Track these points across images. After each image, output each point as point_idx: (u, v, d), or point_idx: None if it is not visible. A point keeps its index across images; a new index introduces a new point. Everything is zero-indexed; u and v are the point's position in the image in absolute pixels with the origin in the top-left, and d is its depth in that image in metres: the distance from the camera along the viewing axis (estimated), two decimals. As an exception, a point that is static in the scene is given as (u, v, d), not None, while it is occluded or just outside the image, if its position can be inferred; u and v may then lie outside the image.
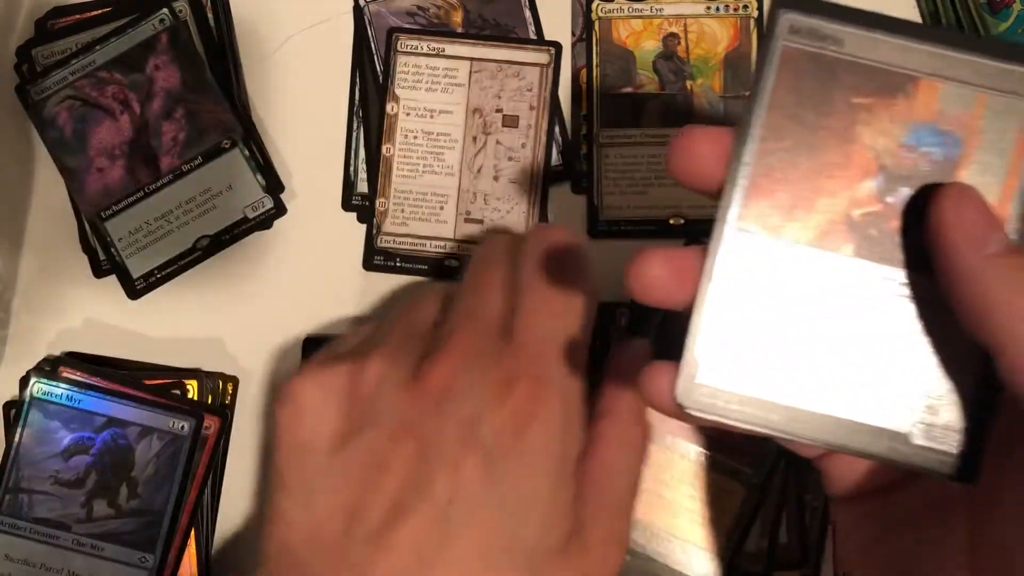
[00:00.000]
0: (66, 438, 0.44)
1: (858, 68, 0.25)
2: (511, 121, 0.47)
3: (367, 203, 0.48)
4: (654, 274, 0.26)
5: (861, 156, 0.25)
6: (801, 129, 0.25)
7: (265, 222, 0.47)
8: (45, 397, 0.45)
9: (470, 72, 0.47)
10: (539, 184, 0.47)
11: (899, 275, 0.25)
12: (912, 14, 0.49)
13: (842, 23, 0.25)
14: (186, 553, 0.45)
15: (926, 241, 0.24)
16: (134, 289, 0.47)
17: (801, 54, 0.25)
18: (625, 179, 0.47)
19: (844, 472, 0.29)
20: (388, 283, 0.47)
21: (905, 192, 0.25)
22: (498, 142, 0.47)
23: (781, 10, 0.26)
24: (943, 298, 0.24)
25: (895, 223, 0.25)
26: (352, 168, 0.48)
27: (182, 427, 0.45)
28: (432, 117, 0.47)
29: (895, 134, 0.25)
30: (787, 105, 0.25)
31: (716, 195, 0.26)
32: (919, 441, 0.25)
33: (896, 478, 0.29)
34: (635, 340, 0.40)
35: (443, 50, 0.47)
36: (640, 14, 0.48)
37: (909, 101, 0.25)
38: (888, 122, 0.25)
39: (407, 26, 0.48)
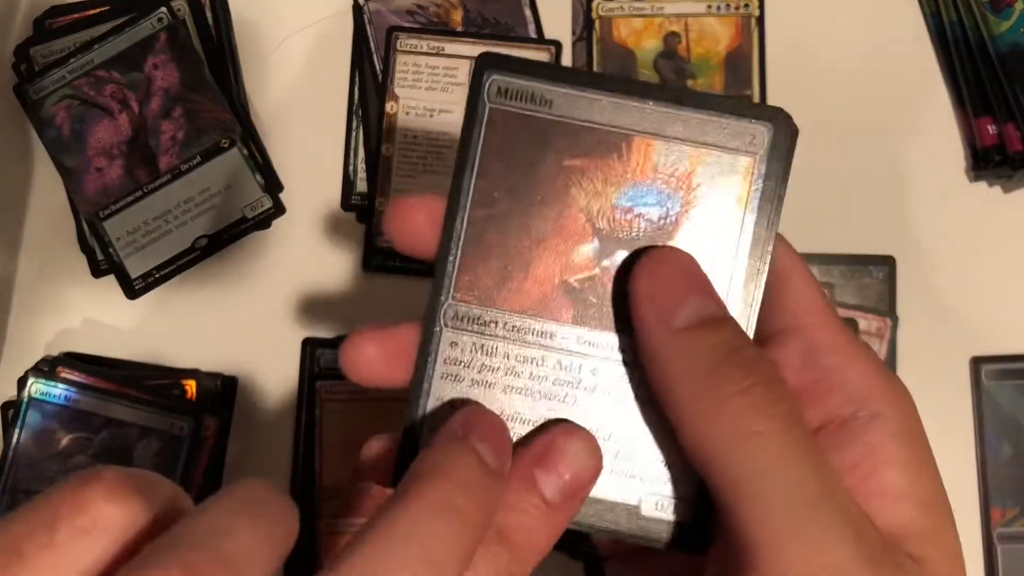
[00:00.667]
0: (65, 439, 0.44)
1: (569, 129, 0.24)
2: (511, 120, 0.47)
3: (366, 203, 0.47)
4: (367, 356, 0.24)
5: (576, 220, 0.24)
6: (513, 195, 0.24)
7: (264, 222, 0.47)
8: (43, 397, 0.44)
9: (470, 71, 0.47)
10: (539, 184, 0.46)
11: (619, 342, 0.24)
12: (914, 14, 0.49)
13: (551, 83, 0.24)
14: (185, 554, 0.44)
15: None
16: (132, 289, 0.47)
17: (509, 116, 0.24)
18: (625, 179, 0.47)
19: None
20: (387, 283, 0.47)
21: (621, 255, 0.24)
22: (498, 141, 0.47)
23: (487, 71, 0.25)
24: None
25: (611, 289, 0.24)
26: (351, 168, 0.48)
27: (181, 428, 0.44)
28: (432, 116, 0.47)
29: (610, 195, 0.24)
30: (497, 170, 0.24)
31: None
32: (649, 512, 0.23)
33: None
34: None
35: (443, 49, 0.47)
36: (641, 13, 0.48)
37: (623, 161, 0.24)
38: (602, 183, 0.24)
39: (407, 25, 0.48)
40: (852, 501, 0.21)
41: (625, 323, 0.24)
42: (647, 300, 0.22)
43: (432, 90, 0.47)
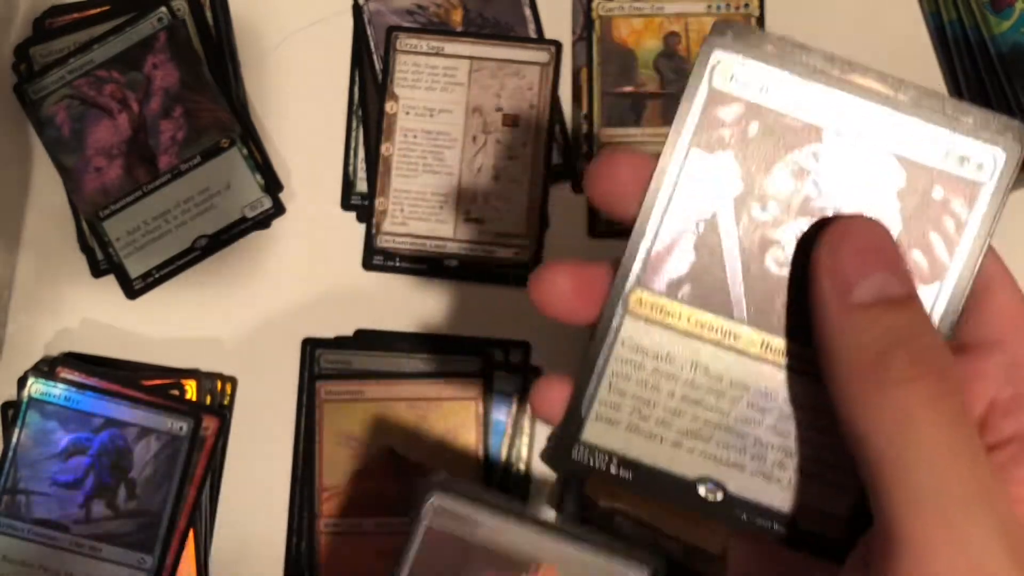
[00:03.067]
0: (64, 439, 0.44)
1: (487, 552, 0.25)
2: (511, 120, 0.47)
3: (366, 202, 0.47)
4: (559, 288, 0.24)
5: None
6: None
7: (264, 222, 0.47)
8: (43, 398, 0.44)
9: (470, 71, 0.47)
10: (539, 184, 0.47)
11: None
12: (913, 14, 0.49)
13: (480, 508, 0.25)
14: (184, 554, 0.45)
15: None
16: (132, 289, 0.47)
17: (442, 536, 0.26)
18: (625, 178, 0.47)
19: (743, 565, 0.27)
20: (387, 283, 0.47)
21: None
22: (498, 141, 0.47)
23: (429, 493, 0.26)
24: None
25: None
26: (351, 167, 0.48)
27: (180, 428, 0.44)
28: (432, 116, 0.47)
29: None
30: None
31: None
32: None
33: (787, 570, 0.27)
34: None
35: (443, 49, 0.47)
36: (641, 13, 0.48)
37: None
38: None
39: (406, 25, 0.48)
40: (1010, 510, 0.20)
41: (801, 325, 0.23)
42: (828, 270, 0.22)
43: (432, 90, 0.47)
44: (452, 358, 0.46)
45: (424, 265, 0.47)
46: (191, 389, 0.46)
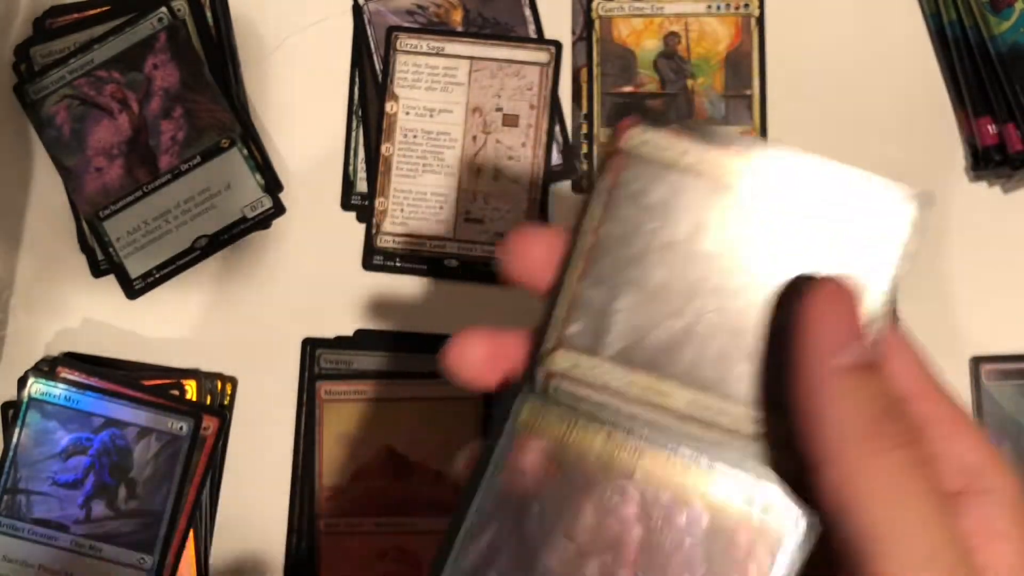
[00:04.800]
0: (64, 439, 0.44)
1: None
2: (511, 120, 0.47)
3: (366, 202, 0.47)
4: (472, 357, 0.24)
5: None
6: None
7: (264, 222, 0.47)
8: (43, 397, 0.44)
9: (470, 71, 0.47)
10: (539, 184, 0.47)
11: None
12: (914, 14, 0.49)
13: None
14: (185, 554, 0.45)
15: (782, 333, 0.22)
16: (132, 289, 0.47)
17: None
18: (625, 179, 0.47)
19: None
20: (387, 283, 0.47)
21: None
22: (498, 141, 0.47)
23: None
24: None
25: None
26: (351, 167, 0.48)
27: (180, 427, 0.44)
28: (432, 116, 0.47)
29: None
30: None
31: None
32: None
33: None
34: None
35: (443, 49, 0.47)
36: (641, 13, 0.48)
37: None
38: None
39: (406, 25, 0.48)
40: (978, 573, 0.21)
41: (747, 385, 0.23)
42: (811, 330, 0.21)
43: (432, 90, 0.47)
44: (452, 358, 0.46)
45: (424, 265, 0.47)
46: (191, 389, 0.46)
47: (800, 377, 0.21)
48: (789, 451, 0.22)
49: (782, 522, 0.22)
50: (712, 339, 0.23)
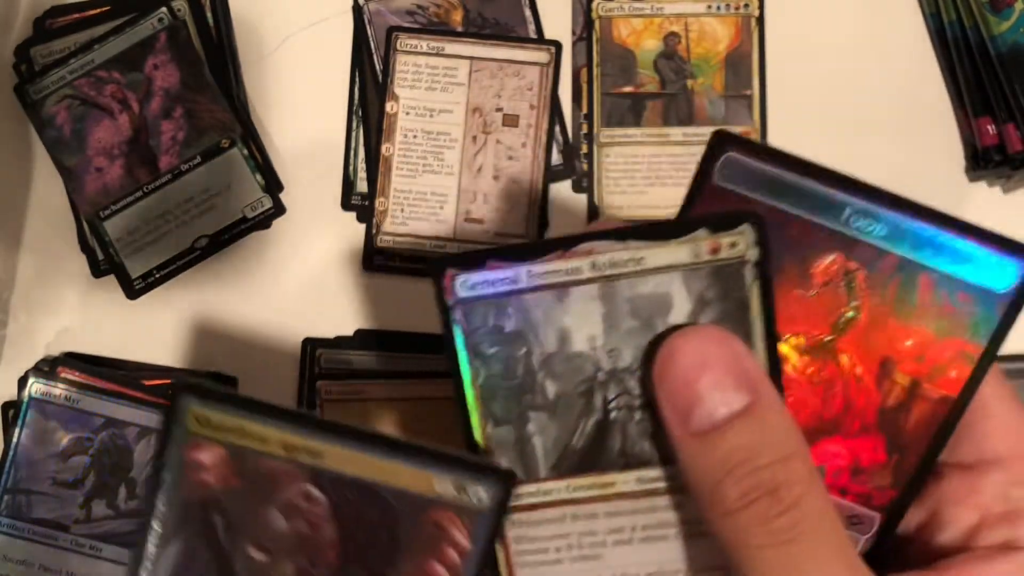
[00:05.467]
0: (65, 438, 0.44)
1: None
2: (511, 120, 0.47)
3: (366, 203, 0.47)
4: None
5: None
6: None
7: (264, 222, 0.47)
8: (44, 397, 0.44)
9: (470, 71, 0.47)
10: (539, 183, 0.47)
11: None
12: (914, 14, 0.49)
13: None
14: (185, 554, 0.45)
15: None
16: (133, 289, 0.47)
17: None
18: (625, 179, 0.47)
19: None
20: (388, 283, 0.47)
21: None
22: (498, 141, 0.47)
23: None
24: None
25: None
26: (351, 167, 0.48)
27: (181, 428, 0.44)
28: (432, 116, 0.47)
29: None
30: None
31: None
32: None
33: None
34: None
35: (443, 49, 0.47)
36: (641, 13, 0.48)
37: None
38: None
39: (406, 25, 0.48)
40: None
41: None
42: (664, 401, 0.22)
43: (432, 90, 0.47)
44: (452, 358, 0.46)
45: (424, 265, 0.47)
46: (191, 389, 0.46)
47: (671, 448, 0.22)
48: None
49: (473, 496, 0.23)
50: (629, 421, 0.24)
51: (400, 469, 0.23)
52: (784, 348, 0.25)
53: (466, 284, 0.24)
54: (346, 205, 0.48)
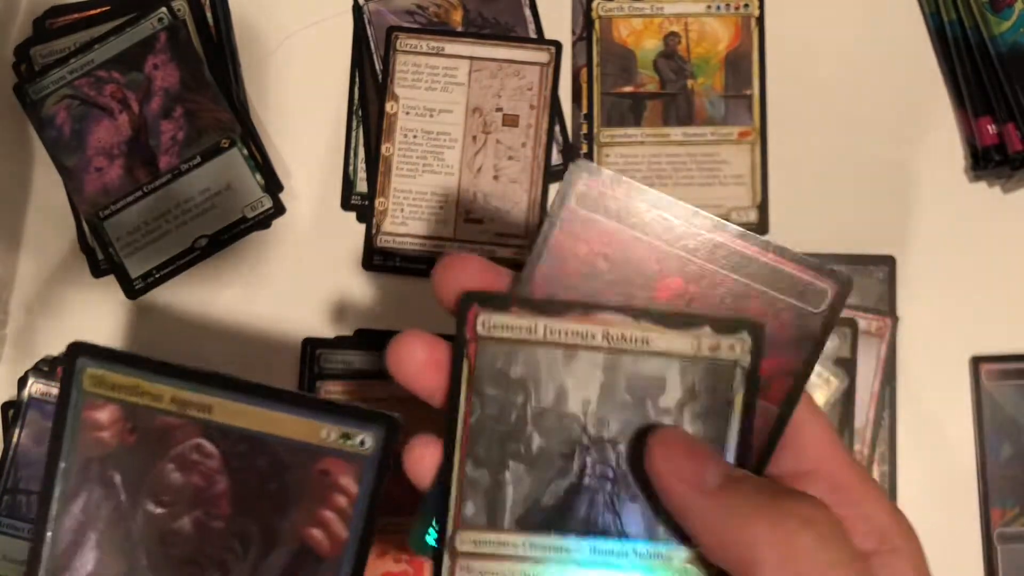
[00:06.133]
0: (64, 439, 0.44)
1: None
2: (511, 120, 0.47)
3: (366, 203, 0.47)
4: (414, 357, 0.25)
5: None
6: None
7: (264, 222, 0.47)
8: (44, 397, 0.44)
9: (470, 71, 0.47)
10: (539, 184, 0.47)
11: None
12: (914, 14, 0.49)
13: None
14: (185, 554, 0.45)
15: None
16: (133, 289, 0.47)
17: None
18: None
19: None
20: (387, 283, 0.47)
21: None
22: (498, 141, 0.47)
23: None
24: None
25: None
26: (351, 167, 0.48)
27: (181, 428, 0.44)
28: (432, 116, 0.47)
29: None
30: None
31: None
32: None
33: None
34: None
35: (443, 49, 0.47)
36: (641, 13, 0.48)
37: None
38: None
39: (406, 25, 0.48)
40: None
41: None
42: (674, 475, 0.24)
43: (432, 90, 0.47)
44: (452, 358, 0.46)
45: (424, 265, 0.47)
46: (191, 389, 0.46)
47: (684, 513, 0.24)
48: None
49: (358, 440, 0.24)
50: (600, 490, 0.25)
51: (286, 419, 0.24)
52: None
53: (487, 323, 0.25)
54: (346, 205, 0.48)
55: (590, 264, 0.25)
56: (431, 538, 0.25)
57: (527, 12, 0.48)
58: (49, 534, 0.24)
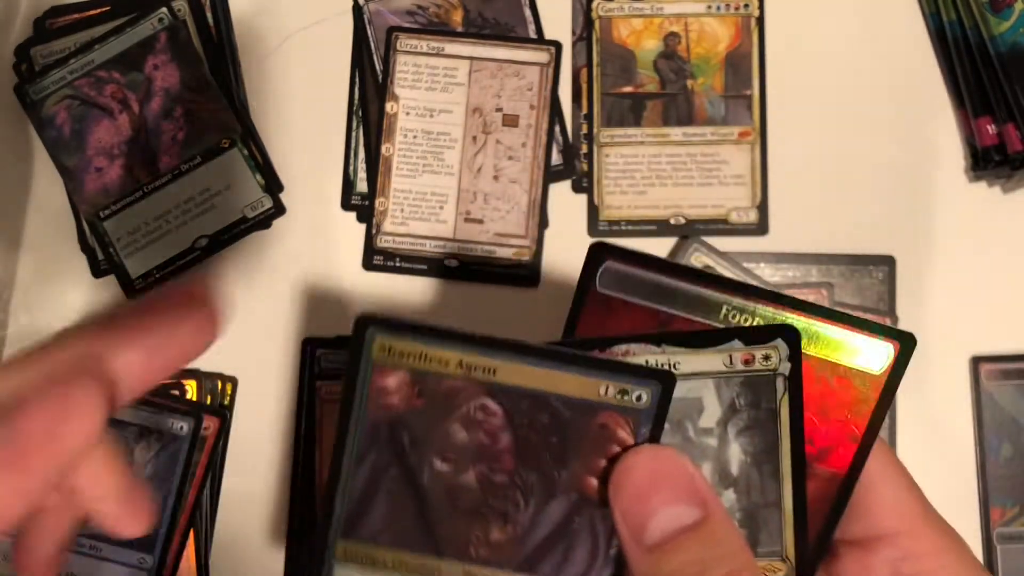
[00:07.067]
0: (64, 438, 0.44)
1: None
2: (511, 120, 0.47)
3: (366, 203, 0.47)
4: None
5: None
6: None
7: (264, 222, 0.47)
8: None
9: (470, 71, 0.47)
10: (539, 184, 0.47)
11: None
12: (913, 14, 0.49)
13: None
14: (185, 553, 0.44)
15: None
16: (133, 289, 0.47)
17: None
18: (625, 179, 0.47)
19: None
20: (388, 283, 0.47)
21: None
22: (498, 141, 0.47)
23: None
24: None
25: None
26: (351, 168, 0.48)
27: (181, 427, 0.44)
28: (432, 116, 0.47)
29: None
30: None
31: None
32: None
33: None
34: None
35: (443, 49, 0.47)
36: (641, 13, 0.48)
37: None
38: None
39: (406, 25, 0.48)
40: None
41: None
42: (620, 516, 0.23)
43: (432, 90, 0.47)
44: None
45: (424, 265, 0.47)
46: (191, 389, 0.46)
47: (627, 563, 0.23)
48: None
49: (635, 396, 0.24)
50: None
51: (567, 378, 0.24)
52: None
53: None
54: (346, 205, 0.48)
55: None
56: None
57: (527, 12, 0.48)
58: (339, 494, 0.25)
